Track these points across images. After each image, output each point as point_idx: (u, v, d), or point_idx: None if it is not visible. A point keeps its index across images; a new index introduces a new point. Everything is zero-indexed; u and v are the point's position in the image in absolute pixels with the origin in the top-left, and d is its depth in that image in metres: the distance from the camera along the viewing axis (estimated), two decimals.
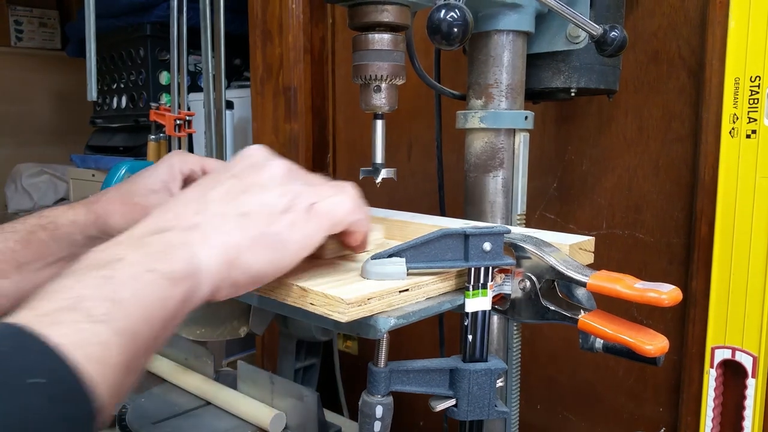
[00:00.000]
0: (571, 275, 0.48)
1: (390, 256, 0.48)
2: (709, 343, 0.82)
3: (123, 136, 1.99)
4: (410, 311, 0.46)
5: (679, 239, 0.91)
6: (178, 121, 1.38)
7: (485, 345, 0.51)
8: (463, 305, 0.50)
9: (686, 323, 0.88)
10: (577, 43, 0.73)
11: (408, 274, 0.48)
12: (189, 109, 1.57)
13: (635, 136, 0.94)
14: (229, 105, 1.49)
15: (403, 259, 0.48)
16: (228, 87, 1.73)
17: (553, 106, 1.00)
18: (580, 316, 0.48)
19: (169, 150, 1.48)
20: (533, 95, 0.82)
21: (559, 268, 0.48)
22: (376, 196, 0.65)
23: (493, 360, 0.51)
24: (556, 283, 0.51)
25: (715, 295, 0.82)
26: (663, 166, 0.92)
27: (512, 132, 0.72)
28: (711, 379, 0.83)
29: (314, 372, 1.26)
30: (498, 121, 0.70)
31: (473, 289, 0.50)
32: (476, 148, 0.72)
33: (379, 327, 0.44)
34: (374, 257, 0.48)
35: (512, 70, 0.71)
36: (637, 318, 0.94)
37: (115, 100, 1.99)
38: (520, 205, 0.73)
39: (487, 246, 0.49)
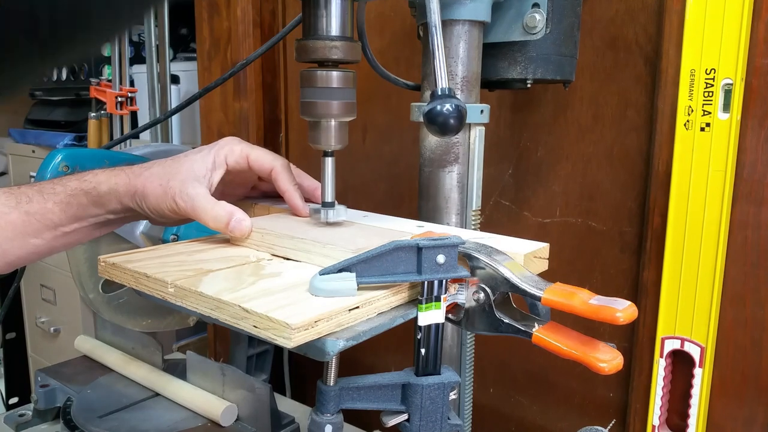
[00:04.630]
0: (526, 289, 0.46)
1: (340, 270, 0.46)
2: (660, 333, 0.83)
3: (64, 110, 1.90)
4: (361, 331, 0.44)
5: (632, 228, 0.91)
6: (119, 98, 1.31)
7: (438, 358, 0.49)
8: (415, 318, 0.48)
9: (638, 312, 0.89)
10: (534, 34, 0.71)
11: (359, 289, 0.46)
12: (132, 82, 1.50)
13: (590, 124, 0.93)
14: (175, 79, 1.42)
15: (353, 274, 0.46)
16: (174, 59, 1.65)
17: (509, 93, 0.99)
18: (534, 330, 0.47)
19: (111, 128, 1.41)
20: (489, 84, 0.80)
21: (514, 281, 0.47)
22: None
23: (447, 372, 0.50)
24: (510, 294, 0.50)
25: (666, 286, 0.82)
26: (617, 155, 0.91)
27: (467, 126, 0.70)
28: (660, 368, 0.84)
29: (267, 358, 1.24)
30: None
31: (426, 302, 0.48)
32: (431, 143, 0.70)
33: (327, 350, 0.42)
34: (323, 272, 0.46)
35: (468, 61, 0.69)
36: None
37: (55, 71, 1.89)
38: (475, 201, 0.71)
39: (440, 258, 0.47)
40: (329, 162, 0.61)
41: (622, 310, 0.43)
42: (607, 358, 0.44)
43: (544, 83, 0.80)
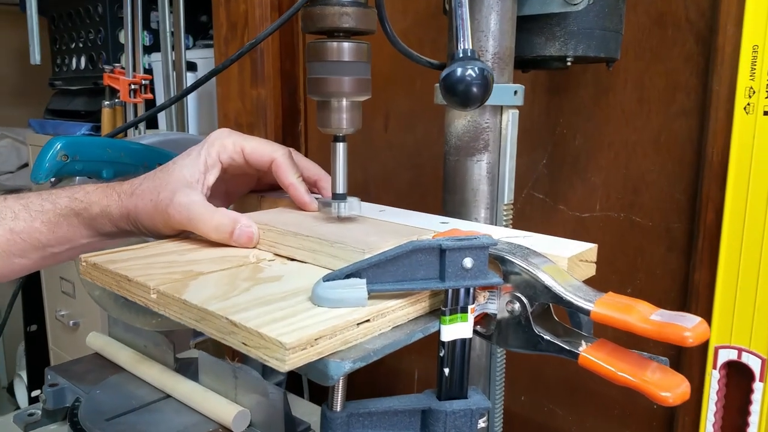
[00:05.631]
0: (572, 300, 0.39)
1: (347, 276, 0.39)
2: (713, 342, 0.74)
3: (83, 100, 1.86)
4: (371, 349, 0.37)
5: (681, 224, 0.82)
6: (133, 86, 1.25)
7: (465, 379, 0.42)
8: (438, 332, 0.41)
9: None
10: (575, 5, 0.62)
11: (370, 297, 0.39)
12: (151, 71, 1.44)
13: (635, 109, 0.84)
14: (191, 67, 1.37)
15: (364, 281, 0.39)
16: (193, 46, 1.60)
17: (544, 74, 0.90)
18: (580, 349, 0.39)
19: (125, 116, 1.36)
20: (523, 63, 0.72)
21: (557, 291, 0.39)
22: (349, 171, 0.56)
23: (475, 396, 0.42)
24: (551, 305, 0.42)
25: (721, 289, 0.74)
26: (665, 143, 0.82)
27: (499, 109, 0.62)
28: (713, 381, 0.75)
29: None
30: None
31: (450, 314, 0.40)
32: (457, 128, 0.62)
33: (330, 374, 0.35)
34: (327, 278, 0.39)
35: (500, 35, 0.61)
36: None
37: (74, 60, 1.85)
38: (507, 194, 0.63)
39: (467, 262, 0.39)
40: (340, 148, 0.54)
41: (692, 328, 0.35)
42: (670, 386, 0.36)
43: (585, 62, 0.72)
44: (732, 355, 0.73)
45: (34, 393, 2.18)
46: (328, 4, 0.49)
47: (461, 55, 0.44)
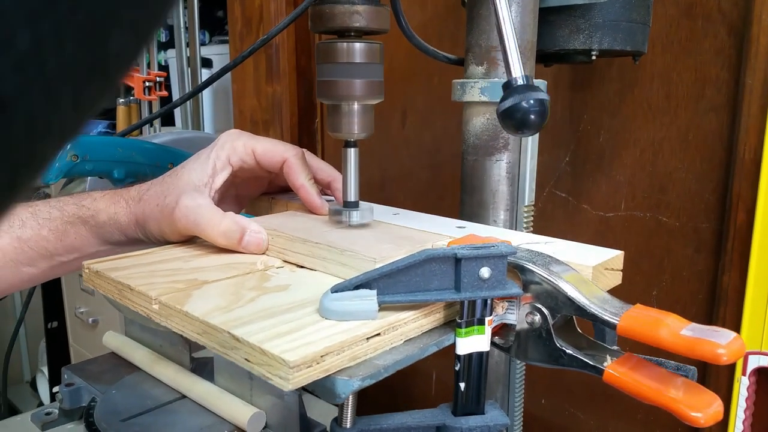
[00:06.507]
0: (596, 313, 0.36)
1: (357, 287, 0.37)
2: None
3: None
4: (382, 365, 0.34)
5: (709, 225, 0.79)
6: (147, 83, 1.24)
7: (482, 394, 0.40)
8: (453, 345, 0.39)
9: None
10: None
11: (380, 309, 0.37)
12: (167, 68, 1.43)
13: (662, 105, 0.81)
14: (207, 63, 1.35)
15: (374, 292, 0.37)
16: (209, 42, 1.59)
17: (567, 69, 0.87)
18: (605, 365, 0.37)
19: (140, 114, 1.35)
20: (545, 57, 0.69)
21: (581, 303, 0.37)
22: (365, 170, 0.54)
23: (492, 411, 0.40)
24: (574, 317, 0.39)
25: (752, 293, 0.70)
26: (693, 140, 0.79)
27: None
28: (743, 387, 0.72)
29: None
30: None
31: (467, 326, 0.38)
32: (476, 126, 0.60)
33: (337, 392, 0.33)
34: (335, 289, 0.37)
35: (521, 28, 0.58)
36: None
37: None
38: (528, 195, 0.61)
39: (485, 272, 0.37)
40: (352, 154, 0.51)
41: (726, 345, 0.32)
42: (702, 405, 0.34)
43: (611, 56, 0.69)
44: (762, 361, 0.70)
45: (55, 389, 2.20)
46: (338, 2, 0.46)
47: (516, 84, 0.42)
